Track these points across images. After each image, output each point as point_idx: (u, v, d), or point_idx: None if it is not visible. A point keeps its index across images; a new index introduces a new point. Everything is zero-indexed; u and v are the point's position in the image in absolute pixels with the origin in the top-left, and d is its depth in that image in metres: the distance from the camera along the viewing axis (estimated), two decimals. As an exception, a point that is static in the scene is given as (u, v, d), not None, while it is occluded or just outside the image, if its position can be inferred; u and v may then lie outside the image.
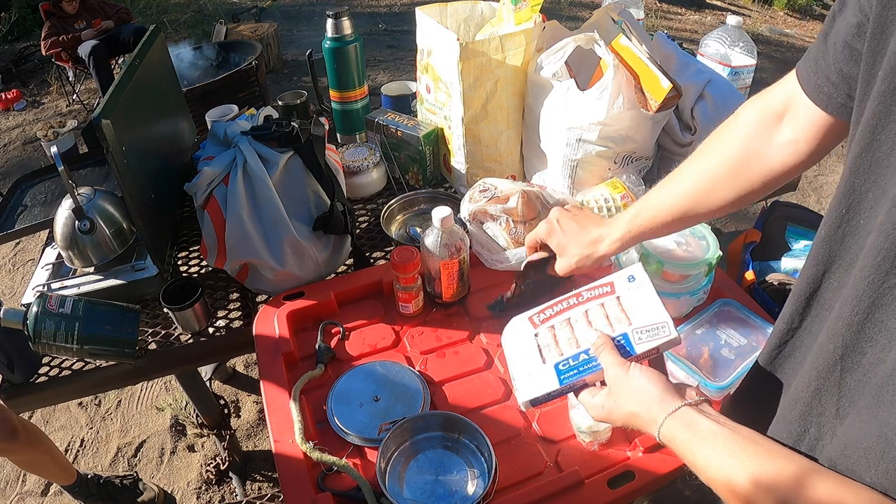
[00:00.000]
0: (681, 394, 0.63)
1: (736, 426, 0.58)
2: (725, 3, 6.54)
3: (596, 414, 0.70)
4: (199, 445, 2.03)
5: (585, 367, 0.70)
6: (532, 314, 0.79)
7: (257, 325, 1.06)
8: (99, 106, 1.01)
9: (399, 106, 1.67)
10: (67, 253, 1.21)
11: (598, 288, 0.77)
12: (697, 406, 0.61)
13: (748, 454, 0.54)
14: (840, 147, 1.86)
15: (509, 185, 1.18)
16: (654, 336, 0.69)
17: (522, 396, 0.73)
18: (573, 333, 0.74)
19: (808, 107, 0.65)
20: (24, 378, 1.10)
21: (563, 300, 0.78)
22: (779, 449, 0.55)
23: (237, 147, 1.16)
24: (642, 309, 0.72)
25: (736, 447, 0.56)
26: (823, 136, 0.67)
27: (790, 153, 0.70)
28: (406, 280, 1.05)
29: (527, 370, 0.74)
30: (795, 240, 1.40)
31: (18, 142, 4.16)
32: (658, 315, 0.71)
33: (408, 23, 5.60)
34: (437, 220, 1.00)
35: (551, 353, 0.74)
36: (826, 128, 0.65)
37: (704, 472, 0.57)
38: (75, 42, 4.01)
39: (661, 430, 0.61)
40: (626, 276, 0.76)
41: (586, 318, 0.74)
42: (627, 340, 0.69)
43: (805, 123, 0.67)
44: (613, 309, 0.73)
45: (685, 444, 0.59)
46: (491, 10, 1.44)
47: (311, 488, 0.81)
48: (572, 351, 0.72)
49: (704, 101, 1.33)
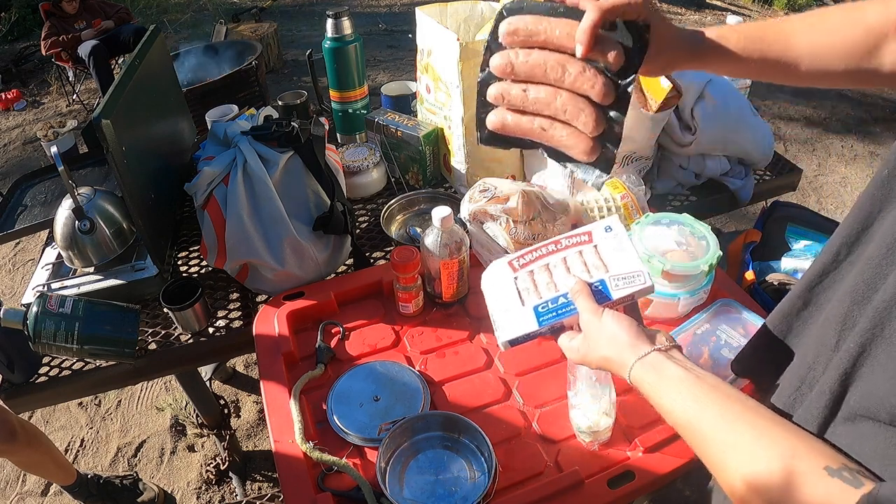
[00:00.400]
0: (651, 340, 0.66)
1: (702, 373, 0.61)
2: (725, 3, 6.54)
3: (572, 357, 0.72)
4: (199, 445, 2.03)
5: (564, 310, 0.72)
6: (511, 258, 0.80)
7: (257, 325, 1.06)
8: (99, 106, 1.01)
9: (399, 106, 1.67)
10: (67, 253, 1.21)
11: (577, 237, 0.78)
12: (667, 352, 0.64)
13: (711, 399, 0.58)
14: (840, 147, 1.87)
15: (509, 185, 1.18)
16: (630, 283, 0.72)
17: (503, 336, 0.75)
18: (552, 278, 0.76)
19: None
20: (24, 378, 1.10)
21: (541, 247, 0.79)
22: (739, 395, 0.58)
23: (237, 147, 1.16)
24: (619, 258, 0.75)
25: (699, 392, 0.59)
26: None
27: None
28: (406, 280, 1.05)
29: (506, 311, 0.76)
30: (795, 240, 1.40)
31: (18, 142, 4.16)
32: (634, 264, 0.74)
33: (408, 23, 5.60)
34: (437, 220, 1.00)
35: (530, 297, 0.75)
36: None
37: (669, 416, 0.61)
38: (75, 42, 4.01)
39: (631, 374, 0.64)
40: (603, 227, 0.78)
41: (565, 265, 0.76)
42: (605, 286, 0.72)
43: None
44: (591, 257, 0.76)
45: (652, 387, 0.62)
46: (491, 10, 1.44)
47: (311, 488, 0.81)
48: (551, 295, 0.74)
49: (704, 101, 1.33)
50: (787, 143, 3.71)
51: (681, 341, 0.98)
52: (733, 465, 0.53)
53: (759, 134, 1.46)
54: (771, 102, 4.09)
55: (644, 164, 1.37)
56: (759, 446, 0.52)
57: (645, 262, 1.01)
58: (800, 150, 3.65)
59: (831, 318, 0.59)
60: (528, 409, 0.94)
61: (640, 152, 1.32)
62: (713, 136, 1.35)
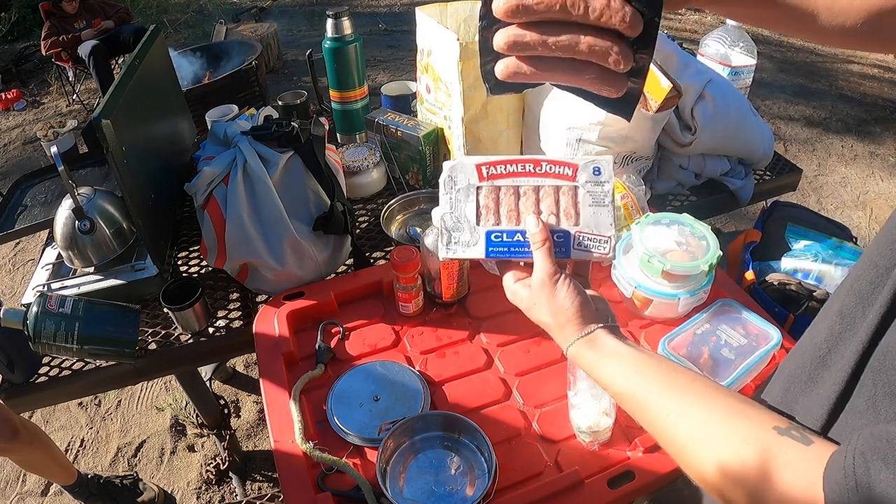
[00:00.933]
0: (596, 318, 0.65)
1: (644, 349, 0.62)
2: (725, 3, 6.53)
3: (515, 302, 0.71)
4: (199, 445, 2.03)
5: (518, 248, 0.68)
6: (481, 162, 0.71)
7: (257, 325, 1.06)
8: (99, 106, 1.01)
9: (399, 106, 1.67)
10: (67, 253, 1.21)
11: (560, 166, 0.70)
12: (610, 329, 0.65)
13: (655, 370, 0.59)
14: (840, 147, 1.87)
15: None
16: (594, 248, 0.68)
17: (445, 253, 0.70)
18: (516, 206, 0.70)
19: None
20: (24, 378, 1.10)
21: (518, 162, 0.71)
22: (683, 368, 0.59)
23: (237, 147, 1.16)
24: (593, 213, 0.69)
25: (642, 364, 0.60)
26: None
27: None
28: (406, 280, 1.05)
29: (457, 224, 0.70)
30: (795, 240, 1.40)
31: (18, 142, 4.16)
32: (605, 227, 0.68)
33: (408, 23, 5.60)
34: (437, 219, 1.00)
35: (488, 217, 0.70)
36: None
37: (610, 387, 0.62)
38: (75, 42, 4.01)
39: (569, 350, 0.65)
40: (592, 168, 0.70)
41: (536, 195, 0.70)
42: (567, 242, 0.68)
43: None
44: (565, 200, 0.69)
45: (591, 361, 0.63)
46: (491, 10, 1.44)
47: (311, 488, 0.81)
48: (510, 226, 0.69)
49: (704, 101, 1.33)
50: (787, 143, 3.71)
51: (681, 341, 0.98)
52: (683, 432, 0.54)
53: (759, 134, 1.46)
54: (771, 102, 4.09)
55: (644, 164, 1.37)
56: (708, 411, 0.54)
57: (645, 262, 1.01)
58: (800, 150, 3.65)
59: None
60: (528, 409, 0.94)
61: (640, 152, 1.32)
62: (713, 136, 1.36)
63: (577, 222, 0.68)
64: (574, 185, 0.70)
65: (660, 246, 1.03)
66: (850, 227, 1.50)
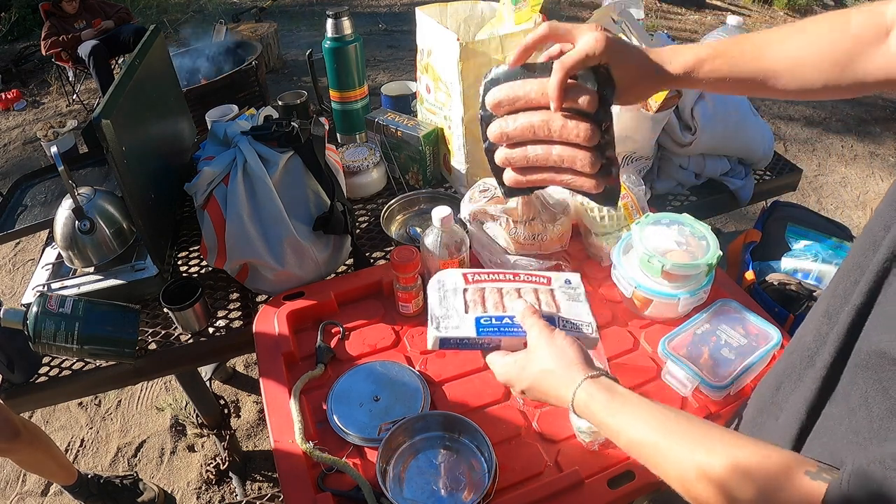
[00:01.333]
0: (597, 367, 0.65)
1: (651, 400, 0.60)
2: (725, 3, 6.54)
3: (503, 372, 0.70)
4: (199, 445, 2.03)
5: (506, 328, 0.72)
6: (467, 272, 0.81)
7: (257, 325, 1.06)
8: (99, 106, 1.01)
9: (399, 106, 1.67)
10: (67, 253, 1.21)
11: (536, 277, 0.81)
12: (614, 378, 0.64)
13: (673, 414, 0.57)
14: (840, 147, 1.87)
15: None
16: (577, 329, 0.74)
17: (434, 333, 0.73)
18: (501, 300, 0.76)
19: None
20: (24, 378, 1.10)
21: (499, 273, 0.81)
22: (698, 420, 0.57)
23: (237, 147, 1.16)
24: (572, 306, 0.77)
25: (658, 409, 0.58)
26: None
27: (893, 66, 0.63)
28: (406, 280, 1.05)
29: (446, 313, 0.75)
30: (795, 240, 1.40)
31: (18, 142, 4.16)
32: (585, 316, 0.76)
33: (408, 23, 5.60)
34: (436, 219, 1.00)
35: (475, 308, 0.75)
36: None
37: (624, 432, 0.59)
38: (75, 42, 4.01)
39: (579, 390, 0.62)
40: (563, 279, 0.81)
41: (518, 294, 0.77)
42: (553, 322, 0.72)
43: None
44: (545, 296, 0.78)
45: (604, 404, 0.60)
46: (491, 10, 1.44)
47: (311, 488, 0.81)
48: (497, 313, 0.74)
49: (704, 101, 1.33)
50: (787, 143, 3.71)
51: (681, 341, 0.98)
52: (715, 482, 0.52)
53: (759, 134, 1.46)
54: (771, 102, 4.09)
55: (644, 164, 1.37)
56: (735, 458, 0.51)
57: (645, 262, 1.01)
58: (800, 150, 3.65)
59: None
60: (528, 409, 0.94)
61: (640, 152, 1.32)
62: (713, 136, 1.35)
63: (559, 311, 0.76)
64: (550, 288, 0.79)
65: (660, 246, 1.03)
66: (850, 227, 1.49)
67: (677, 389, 0.95)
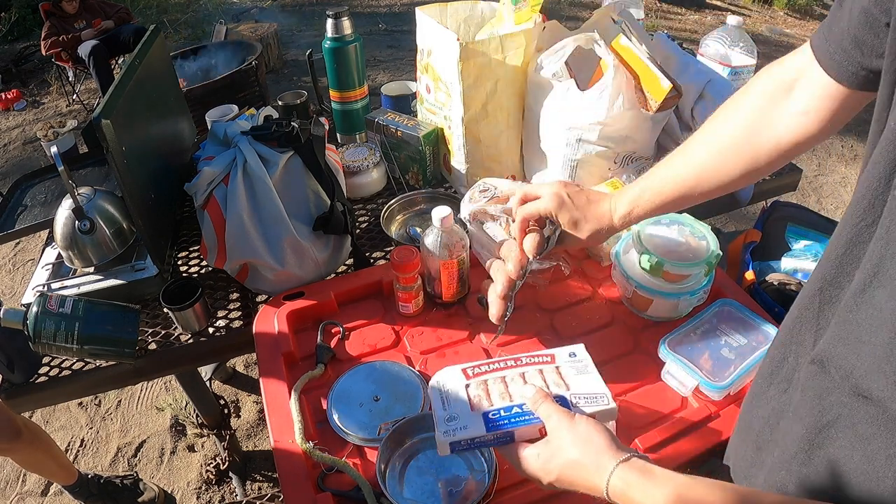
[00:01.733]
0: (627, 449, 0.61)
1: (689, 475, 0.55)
2: (725, 3, 6.54)
3: (528, 465, 0.65)
4: (199, 445, 2.03)
5: (518, 419, 0.68)
6: (466, 367, 0.77)
7: (257, 325, 1.06)
8: (99, 106, 1.01)
9: (399, 106, 1.67)
10: (67, 253, 1.21)
11: (539, 356, 0.78)
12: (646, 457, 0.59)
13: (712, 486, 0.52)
14: (840, 147, 1.87)
15: (509, 184, 1.18)
16: (594, 403, 0.69)
17: (443, 439, 0.70)
18: (507, 389, 0.73)
19: (819, 75, 0.62)
20: (24, 378, 1.10)
21: (499, 360, 0.78)
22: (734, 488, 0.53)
23: (237, 147, 1.16)
24: (582, 380, 0.73)
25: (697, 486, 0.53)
26: (835, 107, 0.63)
27: (800, 124, 0.67)
28: (406, 280, 1.05)
29: (452, 414, 0.72)
30: (795, 240, 1.40)
31: (18, 142, 4.16)
32: (597, 387, 0.72)
33: (408, 23, 5.60)
34: (436, 219, 1.00)
35: (481, 403, 0.72)
36: (839, 99, 0.62)
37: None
38: (75, 42, 4.01)
39: (612, 477, 0.57)
40: (567, 352, 0.78)
41: (522, 379, 0.74)
42: (565, 403, 0.69)
43: (816, 93, 0.64)
44: (552, 375, 0.74)
45: (642, 487, 0.55)
46: (491, 10, 1.44)
47: (311, 488, 0.81)
48: (505, 404, 0.70)
49: (704, 101, 1.33)
50: (787, 143, 3.71)
51: (681, 341, 0.98)
52: None
53: (759, 134, 1.45)
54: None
55: (644, 164, 1.37)
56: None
57: (645, 262, 1.01)
58: (800, 150, 3.64)
59: None
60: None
61: (640, 152, 1.32)
62: (713, 136, 1.35)
63: (570, 388, 0.72)
64: (556, 365, 0.76)
65: (660, 245, 1.03)
66: (850, 227, 1.49)
67: (677, 389, 0.95)
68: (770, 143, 0.70)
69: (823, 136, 0.68)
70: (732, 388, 0.91)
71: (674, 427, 0.88)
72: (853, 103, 0.62)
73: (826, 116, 0.65)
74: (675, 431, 0.87)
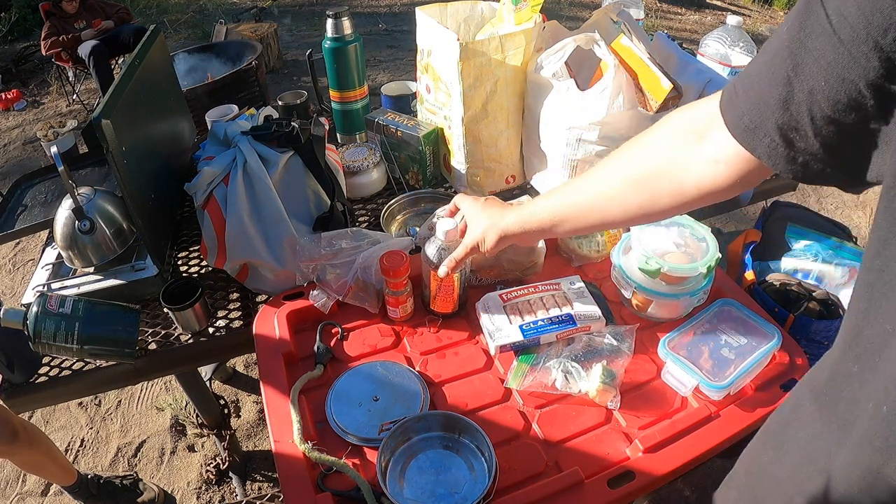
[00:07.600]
0: None
1: None
2: (725, 3, 6.54)
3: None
4: (199, 445, 2.03)
5: (542, 328, 1.01)
6: (502, 292, 1.08)
7: (257, 325, 1.06)
8: (99, 106, 1.01)
9: (399, 106, 1.67)
10: (67, 253, 1.21)
11: (549, 285, 1.09)
12: None
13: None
14: (840, 147, 1.79)
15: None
16: (589, 318, 1.02)
17: (495, 342, 1.00)
18: (532, 309, 1.05)
19: None
20: (24, 378, 1.10)
21: (522, 289, 1.08)
22: None
23: (237, 147, 1.16)
24: (580, 302, 1.05)
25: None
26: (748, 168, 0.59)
27: (708, 173, 0.62)
28: (395, 285, 1.03)
29: (498, 326, 1.02)
30: (795, 240, 1.40)
31: (18, 142, 4.16)
32: (591, 308, 1.03)
33: (408, 23, 5.60)
34: (441, 232, 0.98)
35: (516, 319, 1.03)
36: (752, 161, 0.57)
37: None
38: (75, 42, 4.01)
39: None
40: (568, 281, 1.10)
41: (541, 302, 1.06)
42: (571, 317, 1.02)
43: (728, 146, 0.58)
44: (560, 298, 1.06)
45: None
46: (491, 10, 1.44)
47: (311, 488, 0.81)
48: (531, 319, 1.02)
49: (704, 101, 1.33)
50: (787, 143, 3.70)
51: (681, 341, 0.98)
52: None
53: (759, 134, 1.45)
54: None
55: (644, 164, 1.37)
56: None
57: (644, 263, 1.01)
58: (800, 150, 3.64)
59: None
60: (528, 409, 0.94)
61: (640, 152, 1.32)
62: (713, 137, 1.35)
63: (573, 308, 1.04)
64: (562, 291, 1.08)
65: (659, 247, 1.03)
66: (850, 227, 1.49)
67: (677, 389, 0.95)
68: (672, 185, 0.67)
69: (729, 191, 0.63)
70: (732, 388, 0.91)
71: (674, 427, 0.88)
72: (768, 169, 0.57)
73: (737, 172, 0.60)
74: (676, 431, 0.87)
